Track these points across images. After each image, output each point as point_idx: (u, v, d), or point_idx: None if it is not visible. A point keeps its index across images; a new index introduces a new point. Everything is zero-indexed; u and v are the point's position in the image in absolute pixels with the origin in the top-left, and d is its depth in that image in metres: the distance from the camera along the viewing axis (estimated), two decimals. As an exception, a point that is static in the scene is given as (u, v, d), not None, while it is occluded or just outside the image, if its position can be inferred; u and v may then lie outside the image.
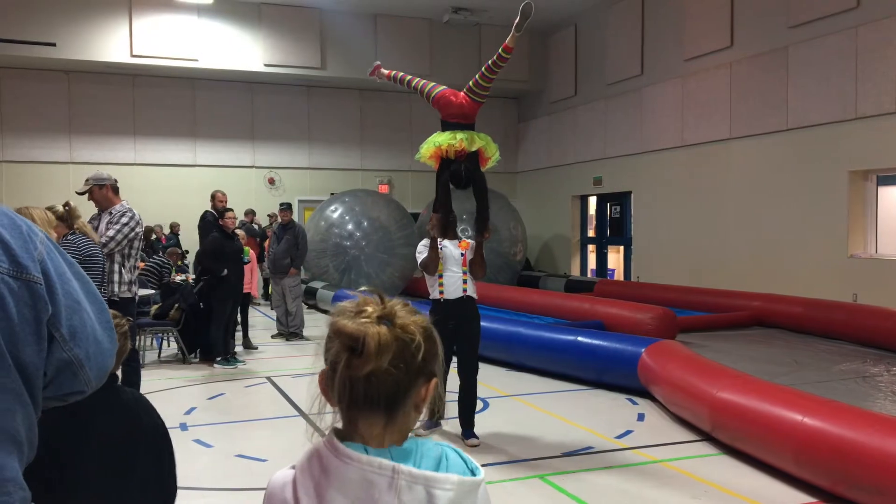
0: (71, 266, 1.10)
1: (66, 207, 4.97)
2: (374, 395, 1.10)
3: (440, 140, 5.64)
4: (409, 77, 6.24)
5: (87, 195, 5.65)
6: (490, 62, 5.58)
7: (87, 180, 5.68)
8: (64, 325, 1.04)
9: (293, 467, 1.16)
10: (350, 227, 14.01)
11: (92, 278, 4.73)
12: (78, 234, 4.88)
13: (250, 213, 14.91)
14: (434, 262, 5.47)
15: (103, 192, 5.62)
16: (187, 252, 14.21)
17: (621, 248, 16.42)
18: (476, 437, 5.42)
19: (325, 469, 1.11)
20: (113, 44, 14.86)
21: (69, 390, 1.08)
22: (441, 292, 5.48)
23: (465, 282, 5.50)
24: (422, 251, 5.57)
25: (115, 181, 5.76)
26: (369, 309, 1.12)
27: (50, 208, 4.76)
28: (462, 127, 5.67)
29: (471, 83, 5.71)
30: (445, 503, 1.09)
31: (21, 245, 1.00)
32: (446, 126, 5.73)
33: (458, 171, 5.57)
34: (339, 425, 1.15)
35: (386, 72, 6.53)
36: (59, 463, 1.61)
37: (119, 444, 1.76)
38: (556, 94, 17.83)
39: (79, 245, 4.77)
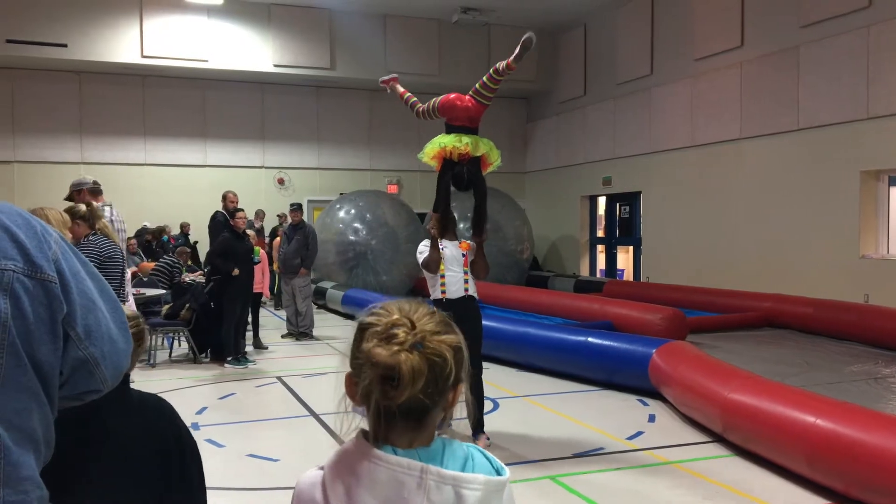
0: (85, 266, 1.10)
1: (89, 208, 4.99)
2: (406, 413, 1.12)
3: (445, 141, 5.65)
4: (418, 105, 6.18)
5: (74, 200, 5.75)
6: (493, 71, 5.56)
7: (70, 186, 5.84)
8: (79, 324, 1.04)
9: (321, 468, 1.18)
10: (358, 225, 14.07)
11: (111, 280, 4.75)
12: (99, 234, 4.90)
13: (260, 214, 14.93)
14: (436, 261, 5.49)
15: (81, 196, 5.75)
16: (196, 243, 14.27)
17: (630, 248, 16.38)
18: (486, 437, 5.41)
19: (355, 470, 1.12)
20: (123, 45, 14.93)
21: (85, 389, 1.08)
22: (443, 292, 5.49)
23: (466, 281, 5.52)
24: (423, 251, 5.58)
25: (94, 183, 5.92)
26: (400, 334, 1.12)
27: (71, 209, 4.78)
28: (467, 130, 5.68)
29: (477, 85, 5.71)
30: (473, 503, 1.10)
31: (36, 245, 1.01)
32: (451, 129, 5.74)
33: (460, 174, 5.60)
34: (366, 426, 1.17)
35: (401, 89, 6.50)
36: (73, 463, 1.61)
37: (134, 446, 1.75)
38: (565, 93, 17.80)
39: (99, 246, 4.78)
